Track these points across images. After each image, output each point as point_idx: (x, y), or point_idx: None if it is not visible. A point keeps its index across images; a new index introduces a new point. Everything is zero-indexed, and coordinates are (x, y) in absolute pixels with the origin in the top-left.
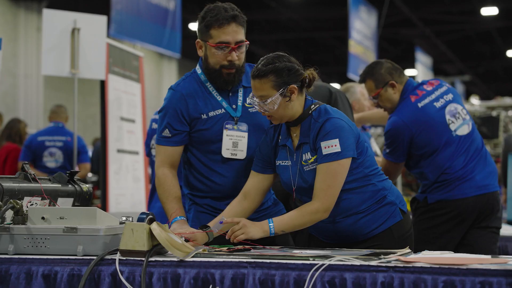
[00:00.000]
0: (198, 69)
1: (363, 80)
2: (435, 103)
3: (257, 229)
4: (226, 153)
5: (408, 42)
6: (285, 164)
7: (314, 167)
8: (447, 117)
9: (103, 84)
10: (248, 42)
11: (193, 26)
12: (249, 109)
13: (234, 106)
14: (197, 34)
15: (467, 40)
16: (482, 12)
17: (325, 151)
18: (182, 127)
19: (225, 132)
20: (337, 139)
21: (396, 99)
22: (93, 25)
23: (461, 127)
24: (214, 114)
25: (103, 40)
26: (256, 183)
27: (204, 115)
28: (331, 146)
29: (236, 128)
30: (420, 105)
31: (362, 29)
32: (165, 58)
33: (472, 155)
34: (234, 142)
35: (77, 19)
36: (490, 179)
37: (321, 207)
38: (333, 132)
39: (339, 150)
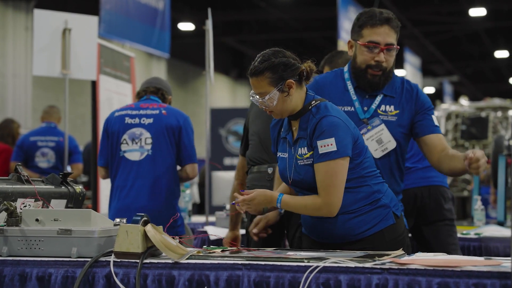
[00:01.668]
0: (346, 67)
1: (322, 66)
2: None
3: (263, 203)
4: (377, 154)
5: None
6: (283, 156)
7: (309, 162)
8: None
9: (94, 85)
10: (398, 47)
11: (183, 26)
12: (380, 116)
13: (365, 108)
14: (350, 35)
15: (456, 40)
16: (470, 13)
17: (321, 150)
18: None
19: (364, 137)
20: (333, 138)
21: None
22: (84, 25)
23: None
24: (342, 109)
25: (94, 40)
26: None
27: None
28: (327, 145)
29: (370, 128)
30: None
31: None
32: (154, 58)
33: (416, 151)
34: (378, 140)
35: (68, 20)
36: (434, 172)
37: (324, 205)
38: (328, 130)
39: (336, 149)
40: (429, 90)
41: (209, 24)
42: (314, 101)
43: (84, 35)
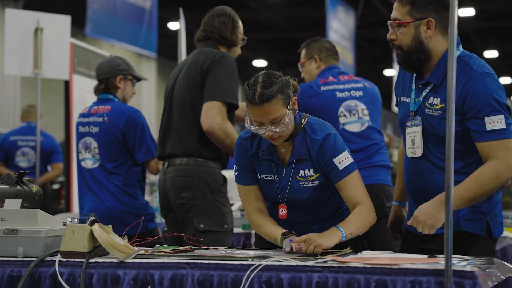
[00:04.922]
0: None
1: (301, 48)
2: (337, 93)
3: (329, 238)
4: (408, 152)
5: (386, 42)
6: (270, 178)
7: (315, 184)
8: (341, 109)
9: (67, 84)
10: (408, 21)
11: (172, 26)
12: (427, 111)
13: (416, 99)
14: None
15: None
16: (460, 13)
17: (341, 166)
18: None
19: (406, 130)
20: (346, 151)
21: (314, 75)
22: (56, 25)
23: (352, 124)
24: (403, 100)
25: (66, 40)
26: (259, 195)
27: (399, 98)
28: (344, 159)
29: (413, 124)
30: (322, 88)
31: (339, 29)
32: (144, 58)
33: (360, 152)
34: (413, 140)
35: (40, 19)
36: (376, 171)
37: (372, 208)
38: (338, 146)
39: (352, 160)
40: None
41: (181, 24)
42: (302, 119)
43: (56, 34)
